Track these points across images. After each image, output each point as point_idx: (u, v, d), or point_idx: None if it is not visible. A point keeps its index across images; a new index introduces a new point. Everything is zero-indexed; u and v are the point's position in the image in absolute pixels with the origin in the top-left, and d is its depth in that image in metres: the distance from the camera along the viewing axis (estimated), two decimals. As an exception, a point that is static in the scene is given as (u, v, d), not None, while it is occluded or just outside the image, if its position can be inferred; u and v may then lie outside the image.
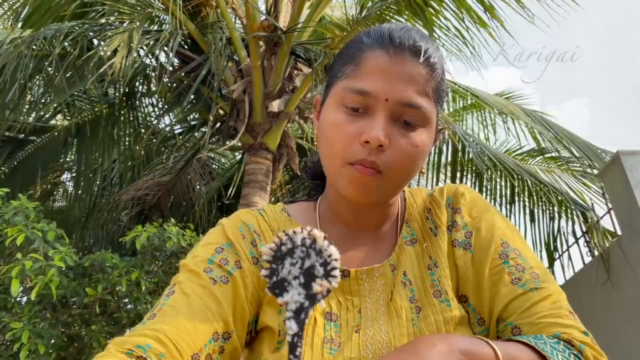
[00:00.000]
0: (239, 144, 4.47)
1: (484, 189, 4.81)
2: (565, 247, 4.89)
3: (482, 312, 0.74)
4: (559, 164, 5.74)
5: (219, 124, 4.90)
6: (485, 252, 0.76)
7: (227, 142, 4.60)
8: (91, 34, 4.29)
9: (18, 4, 4.78)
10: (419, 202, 0.84)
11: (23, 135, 5.72)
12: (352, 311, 0.73)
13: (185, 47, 4.76)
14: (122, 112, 5.40)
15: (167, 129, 5.73)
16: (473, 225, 0.79)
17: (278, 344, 0.71)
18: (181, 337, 0.64)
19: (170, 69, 4.66)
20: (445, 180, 5.05)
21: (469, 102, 5.26)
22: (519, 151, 6.07)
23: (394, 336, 0.70)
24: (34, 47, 4.15)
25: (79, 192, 5.76)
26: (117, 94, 5.35)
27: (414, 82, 0.72)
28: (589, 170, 5.29)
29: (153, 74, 4.95)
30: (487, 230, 0.78)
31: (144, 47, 4.40)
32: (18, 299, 3.57)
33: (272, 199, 5.95)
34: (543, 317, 0.68)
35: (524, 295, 0.71)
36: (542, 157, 5.98)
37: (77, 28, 4.19)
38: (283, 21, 4.63)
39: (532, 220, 4.78)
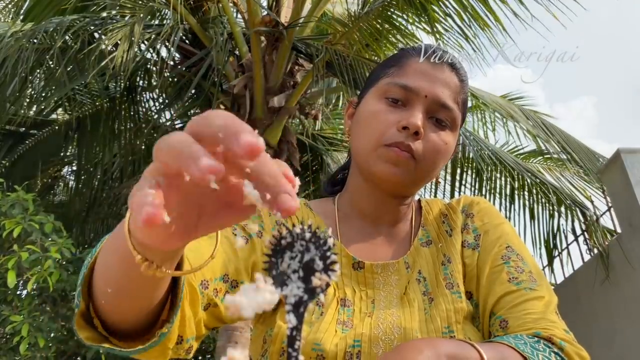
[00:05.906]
0: (240, 139, 4.46)
1: (484, 187, 4.80)
2: (564, 245, 4.90)
3: (480, 306, 0.78)
4: (558, 164, 5.74)
5: (219, 119, 4.89)
6: (488, 253, 0.81)
7: (228, 138, 4.58)
8: (92, 27, 4.28)
9: (19, -3, 4.76)
10: (435, 210, 0.91)
11: (24, 128, 5.71)
12: (366, 301, 0.78)
13: (187, 41, 4.76)
14: (123, 106, 5.39)
15: (168, 123, 5.72)
16: (483, 228, 0.85)
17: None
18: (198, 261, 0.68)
19: (172, 63, 4.65)
20: (445, 178, 5.05)
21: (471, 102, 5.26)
22: (521, 151, 6.06)
23: (404, 320, 0.73)
24: (35, 40, 4.14)
25: (80, 186, 5.77)
26: (118, 88, 5.34)
27: (449, 88, 0.81)
28: (582, 174, 5.29)
29: (154, 68, 4.94)
30: (494, 234, 0.84)
31: (145, 42, 4.39)
32: (18, 292, 3.57)
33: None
34: (530, 314, 0.71)
35: (517, 292, 0.74)
36: (542, 157, 5.99)
37: (78, 22, 4.18)
38: (284, 16, 4.62)
39: (532, 217, 4.78)
